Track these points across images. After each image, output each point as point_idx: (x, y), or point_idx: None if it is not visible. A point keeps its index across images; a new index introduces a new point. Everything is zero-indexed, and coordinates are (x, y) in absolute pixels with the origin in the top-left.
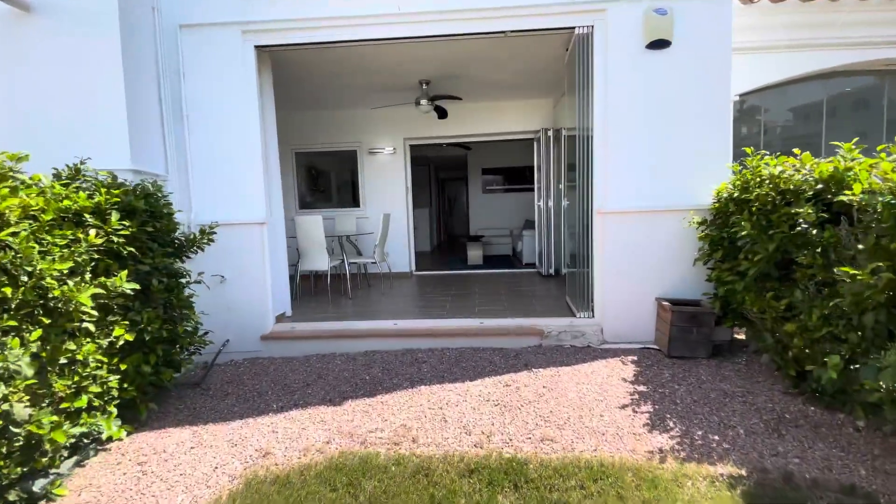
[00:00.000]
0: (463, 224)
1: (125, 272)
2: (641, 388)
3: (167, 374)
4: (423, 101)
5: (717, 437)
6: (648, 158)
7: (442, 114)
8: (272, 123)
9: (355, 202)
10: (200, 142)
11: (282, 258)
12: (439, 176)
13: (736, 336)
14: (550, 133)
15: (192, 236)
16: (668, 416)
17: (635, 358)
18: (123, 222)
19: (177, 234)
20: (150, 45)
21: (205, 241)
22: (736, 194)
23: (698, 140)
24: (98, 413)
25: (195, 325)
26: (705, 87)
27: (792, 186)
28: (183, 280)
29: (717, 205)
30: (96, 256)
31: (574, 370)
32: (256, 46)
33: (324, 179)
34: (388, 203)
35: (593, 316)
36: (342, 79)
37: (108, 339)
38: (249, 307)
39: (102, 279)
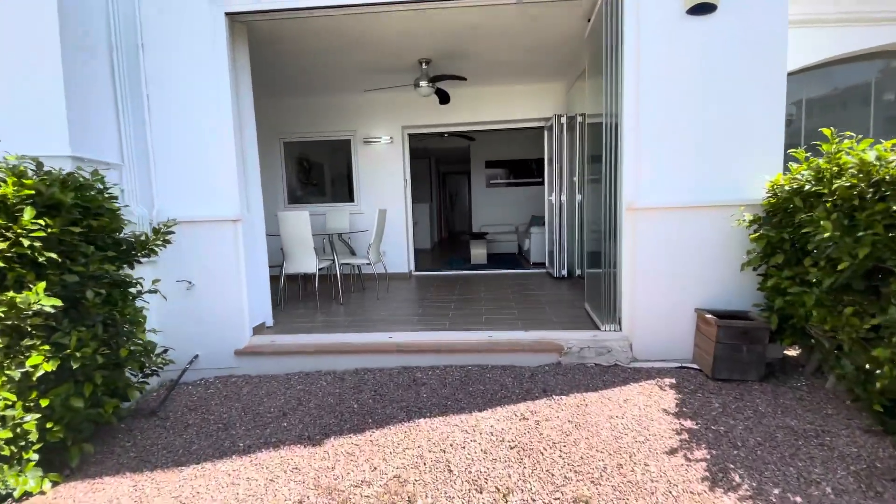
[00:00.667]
0: (465, 220)
1: (42, 284)
2: (689, 423)
3: (110, 405)
4: (423, 83)
5: (799, 500)
6: (688, 146)
7: (443, 98)
8: (249, 106)
9: (350, 196)
10: (164, 125)
11: (261, 260)
12: (440, 169)
13: (786, 353)
14: (564, 120)
15: (143, 237)
16: (731, 465)
17: (673, 381)
18: (40, 220)
19: (126, 233)
20: (99, 10)
21: (159, 242)
22: (807, 187)
23: (746, 124)
24: (7, 465)
25: (146, 344)
26: (756, 60)
27: (888, 177)
28: (132, 290)
29: (772, 199)
30: (1, 265)
31: (603, 397)
32: (228, 14)
33: (316, 172)
34: (384, 198)
35: (620, 329)
36: (332, 57)
37: (23, 370)
38: (222, 317)
39: (10, 295)
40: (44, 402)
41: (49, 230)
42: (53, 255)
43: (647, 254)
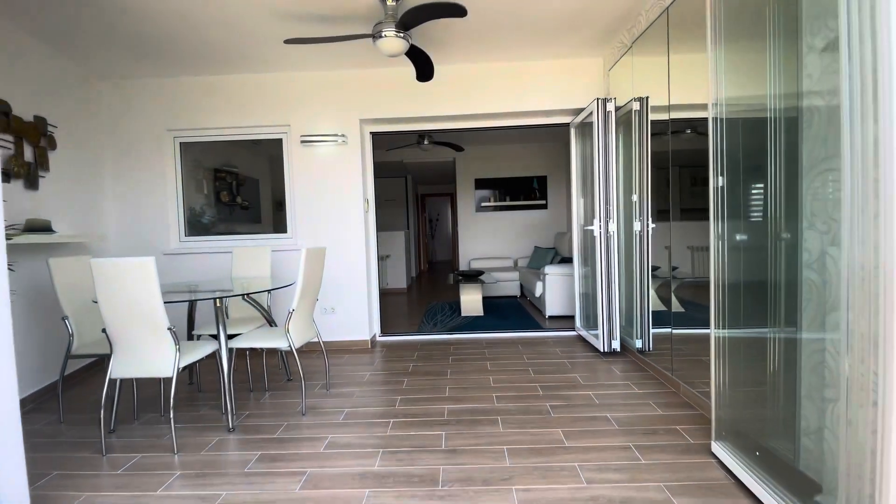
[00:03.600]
0: (447, 248)
1: None
2: None
3: None
4: (389, 31)
5: None
6: None
7: (423, 69)
8: None
9: (281, 225)
10: None
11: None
12: (418, 191)
13: None
14: (611, 107)
15: None
16: None
17: None
18: None
19: None
20: None
21: None
22: None
23: None
24: None
25: None
26: None
27: None
28: None
29: None
30: None
31: None
32: None
33: (249, 189)
34: (332, 226)
35: None
36: None
37: None
38: None
39: None
40: None
41: None
42: None
43: None
